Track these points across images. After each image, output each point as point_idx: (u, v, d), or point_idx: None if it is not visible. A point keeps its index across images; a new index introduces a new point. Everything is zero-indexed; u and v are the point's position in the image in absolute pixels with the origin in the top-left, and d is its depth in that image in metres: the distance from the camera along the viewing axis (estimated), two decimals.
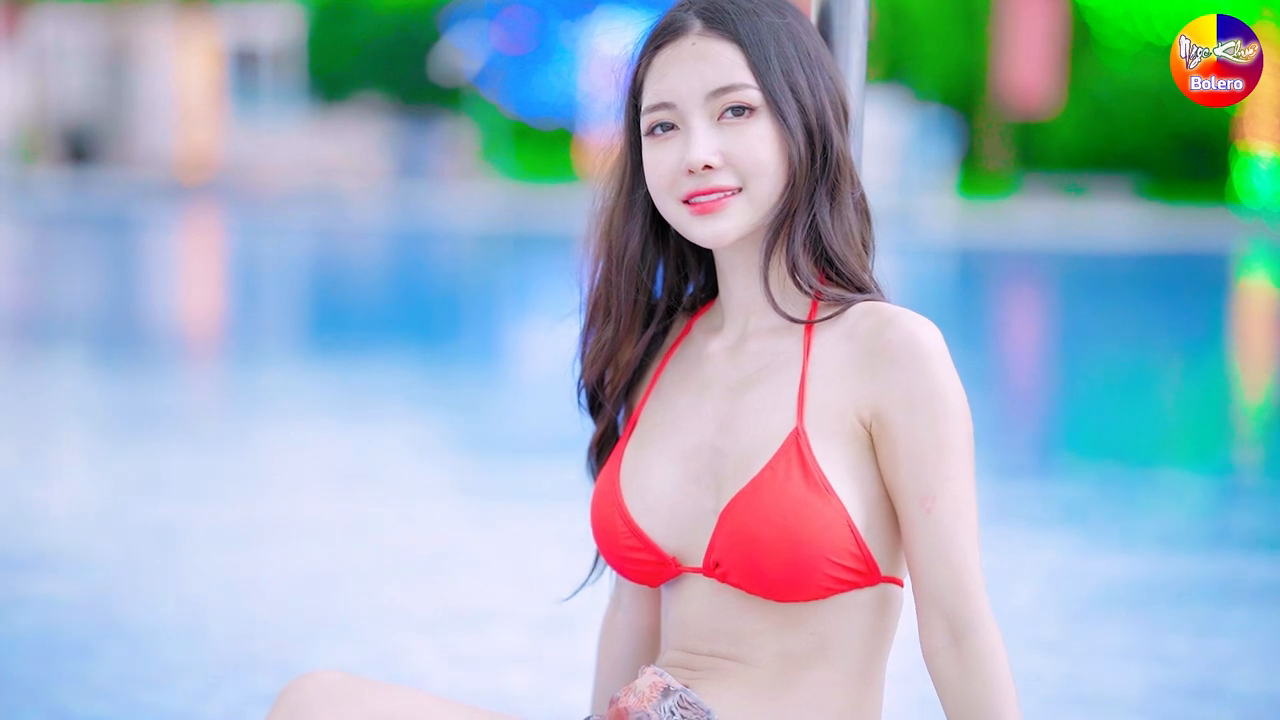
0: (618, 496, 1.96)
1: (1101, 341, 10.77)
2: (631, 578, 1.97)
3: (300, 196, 25.57)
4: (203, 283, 14.60)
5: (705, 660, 1.92)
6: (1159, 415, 7.94)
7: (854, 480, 1.85)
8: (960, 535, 1.82)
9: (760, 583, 1.85)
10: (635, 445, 1.99)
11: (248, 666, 3.66)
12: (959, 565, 1.82)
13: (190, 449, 6.26)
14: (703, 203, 1.88)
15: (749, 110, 1.87)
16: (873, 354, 1.85)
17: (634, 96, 1.95)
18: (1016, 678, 1.86)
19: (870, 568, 1.85)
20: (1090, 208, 22.74)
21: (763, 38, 1.88)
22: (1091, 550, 4.96)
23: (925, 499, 1.82)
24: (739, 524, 1.85)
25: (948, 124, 24.50)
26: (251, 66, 31.90)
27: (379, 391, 7.91)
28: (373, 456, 6.20)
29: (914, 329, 1.84)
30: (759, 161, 1.87)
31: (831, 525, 1.82)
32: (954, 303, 13.82)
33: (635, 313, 2.01)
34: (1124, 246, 18.91)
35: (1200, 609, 4.30)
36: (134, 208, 23.31)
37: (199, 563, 4.58)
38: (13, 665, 3.64)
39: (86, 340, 10.11)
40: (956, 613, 1.82)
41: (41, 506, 5.25)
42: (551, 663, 3.74)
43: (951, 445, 1.83)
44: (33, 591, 4.23)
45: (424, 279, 15.70)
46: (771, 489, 1.84)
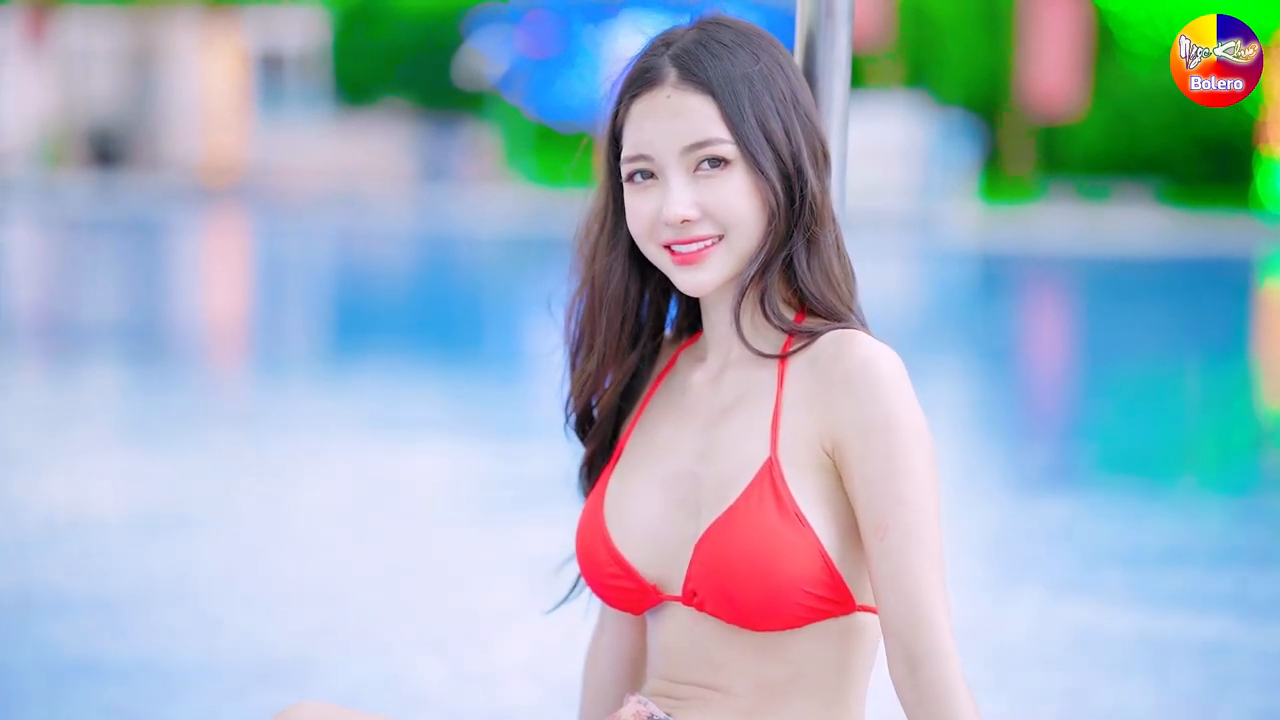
0: (601, 524, 1.99)
1: (1123, 347, 10.74)
2: (614, 604, 2.00)
3: (324, 200, 25.65)
4: (227, 286, 14.65)
5: (687, 689, 1.94)
6: (1180, 423, 7.92)
7: (826, 509, 1.86)
8: (915, 563, 1.81)
9: (735, 611, 1.87)
10: (620, 473, 2.02)
11: (255, 682, 3.69)
12: (913, 594, 1.80)
13: (207, 457, 6.29)
14: (683, 253, 1.90)
15: (724, 163, 1.89)
16: (831, 383, 1.87)
17: (614, 139, 1.98)
18: (1021, 694, 1.86)
19: (844, 597, 1.87)
20: (1113, 213, 22.69)
21: (736, 87, 1.89)
22: (1103, 561, 4.96)
23: (879, 527, 1.82)
24: (713, 553, 1.87)
25: (970, 129, 24.46)
26: (276, 70, 31.98)
27: (397, 401, 7.93)
28: (386, 469, 6.22)
29: (868, 355, 1.85)
30: (736, 214, 1.89)
31: (804, 554, 1.84)
32: (974, 308, 13.81)
33: (619, 345, 2.04)
34: (1147, 252, 18.87)
35: (1210, 622, 4.30)
36: (159, 211, 23.40)
37: (208, 575, 4.61)
38: (24, 682, 3.67)
39: (109, 344, 10.15)
40: (911, 642, 1.80)
41: (58, 517, 5.28)
42: (554, 680, 3.76)
43: (905, 471, 1.82)
44: (45, 606, 4.26)
45: (447, 283, 15.73)
46: (745, 518, 1.86)
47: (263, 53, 31.95)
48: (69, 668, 3.75)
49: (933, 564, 1.82)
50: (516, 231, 20.77)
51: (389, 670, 3.79)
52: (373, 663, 3.84)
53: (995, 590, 4.53)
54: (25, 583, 4.46)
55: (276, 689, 3.63)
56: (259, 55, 31.96)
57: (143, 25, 32.34)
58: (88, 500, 5.57)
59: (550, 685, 3.73)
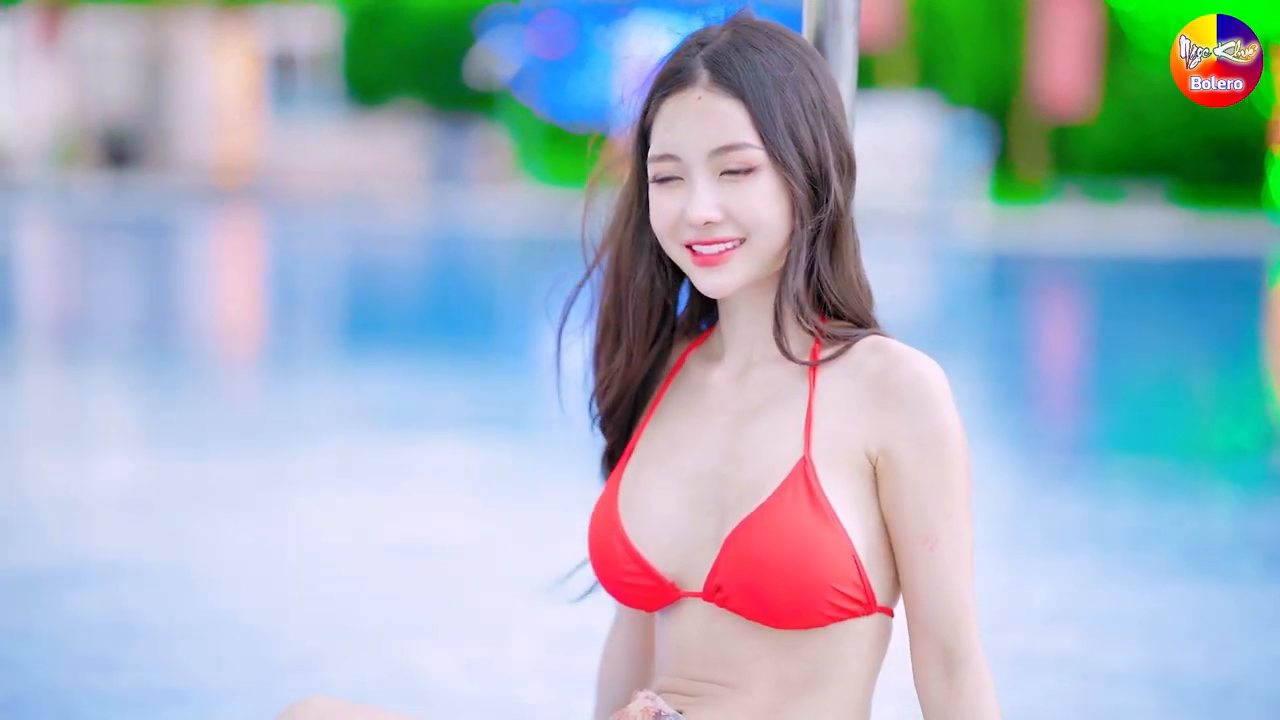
0: (616, 522, 1.99)
1: (1134, 348, 10.74)
2: (629, 602, 2.00)
3: (336, 201, 25.67)
4: (240, 287, 14.67)
5: (700, 686, 1.95)
6: (1189, 423, 7.92)
7: (856, 512, 1.89)
8: (958, 574, 1.88)
9: (762, 608, 1.89)
10: (634, 471, 2.02)
11: (267, 678, 3.70)
12: (957, 603, 1.88)
13: (219, 453, 6.31)
14: (705, 254, 1.92)
15: (752, 168, 1.90)
16: (881, 392, 1.90)
17: (642, 135, 1.99)
18: (1031, 693, 1.90)
19: (869, 598, 1.90)
20: (1123, 213, 22.66)
21: (767, 93, 1.90)
22: (1115, 559, 4.97)
23: (929, 537, 1.88)
24: (745, 549, 1.88)
25: (981, 129, 24.43)
26: (289, 71, 32.03)
27: (410, 397, 7.95)
28: (398, 465, 6.24)
29: (922, 370, 1.90)
30: (760, 219, 1.90)
31: (836, 554, 1.86)
32: (984, 308, 13.80)
33: (646, 338, 2.06)
34: (1158, 252, 18.84)
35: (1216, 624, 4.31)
36: (172, 212, 23.44)
37: (219, 572, 4.63)
38: (35, 676, 3.69)
39: (123, 345, 10.18)
40: (951, 646, 1.88)
41: (69, 515, 5.30)
42: (568, 675, 3.77)
43: (955, 485, 1.88)
44: (55, 601, 4.28)
45: (460, 283, 15.75)
46: (779, 516, 1.87)
47: (275, 53, 31.99)
48: (77, 664, 3.77)
49: (970, 575, 1.90)
50: (529, 231, 20.77)
51: (398, 664, 3.81)
52: (382, 657, 3.85)
53: (1009, 588, 4.53)
54: (34, 575, 4.48)
55: (286, 684, 3.65)
56: (271, 56, 32.00)
57: (155, 26, 32.40)
58: (97, 496, 5.59)
59: (562, 680, 3.74)
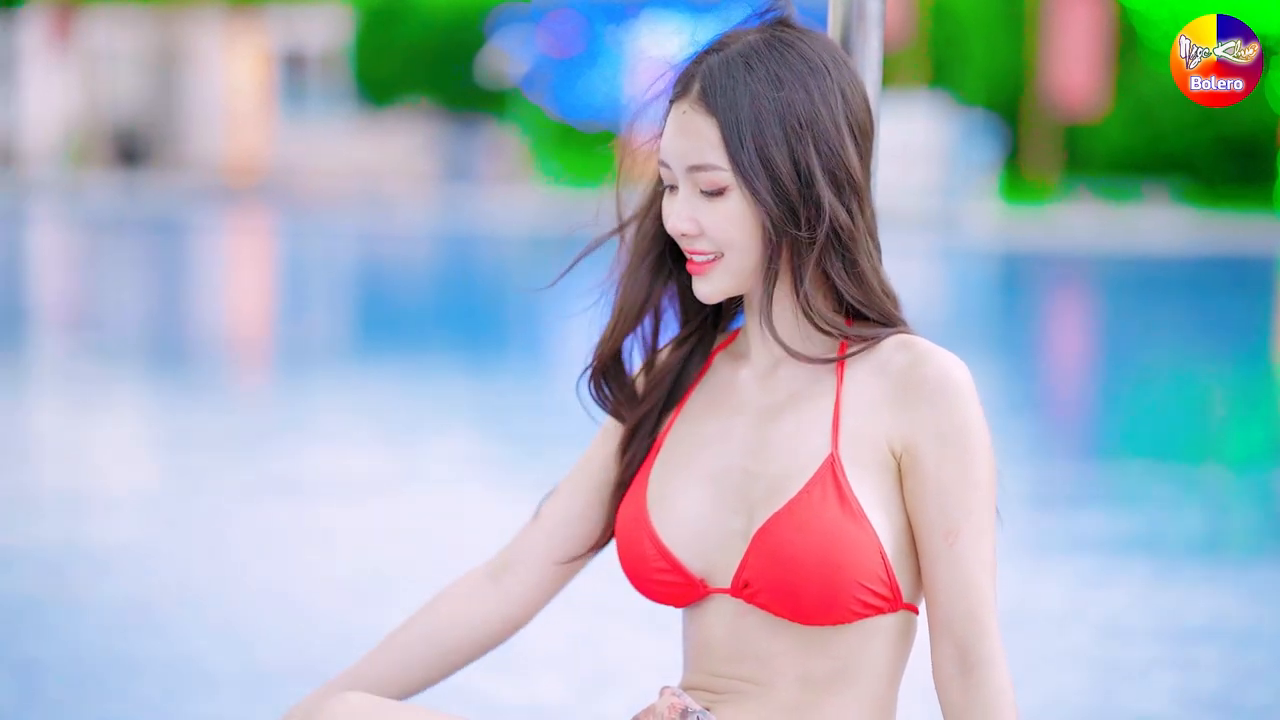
0: (646, 520, 2.01)
1: (1146, 347, 10.74)
2: (657, 599, 2.02)
3: (347, 200, 25.71)
4: (251, 286, 14.70)
5: (726, 683, 1.97)
6: (1200, 422, 7.93)
7: (883, 509, 1.91)
8: (978, 570, 1.89)
9: (790, 604, 1.90)
10: (661, 469, 2.04)
11: (288, 677, 3.72)
12: (976, 599, 1.89)
13: (234, 456, 6.33)
14: (694, 262, 1.97)
15: (722, 189, 1.92)
16: (906, 389, 1.92)
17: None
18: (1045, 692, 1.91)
19: (895, 594, 1.91)
20: (1134, 212, 22.65)
21: (740, 115, 1.90)
22: (1128, 556, 4.98)
23: (949, 533, 1.89)
24: (774, 545, 1.90)
25: (992, 128, 24.43)
26: (300, 70, 32.07)
27: (425, 399, 7.97)
28: (417, 463, 6.26)
29: (948, 367, 1.92)
30: (730, 238, 1.93)
31: (865, 550, 1.88)
32: (995, 307, 13.81)
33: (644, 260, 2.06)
34: (1169, 251, 18.83)
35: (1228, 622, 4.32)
36: (183, 211, 23.48)
37: (241, 573, 4.65)
38: (56, 679, 3.71)
39: (136, 345, 10.20)
40: (969, 644, 1.89)
41: (87, 518, 5.32)
42: (587, 672, 3.79)
43: (977, 483, 1.90)
44: (77, 603, 4.30)
45: (471, 283, 15.77)
46: (808, 512, 1.89)
47: (286, 53, 32.03)
48: (101, 665, 3.79)
49: (991, 573, 1.91)
50: (540, 230, 20.79)
51: None
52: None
53: (1021, 586, 4.55)
54: (60, 579, 4.51)
55: (311, 685, 3.66)
56: (282, 55, 32.04)
57: (166, 25, 32.45)
58: (115, 499, 5.61)
59: (582, 675, 3.76)
